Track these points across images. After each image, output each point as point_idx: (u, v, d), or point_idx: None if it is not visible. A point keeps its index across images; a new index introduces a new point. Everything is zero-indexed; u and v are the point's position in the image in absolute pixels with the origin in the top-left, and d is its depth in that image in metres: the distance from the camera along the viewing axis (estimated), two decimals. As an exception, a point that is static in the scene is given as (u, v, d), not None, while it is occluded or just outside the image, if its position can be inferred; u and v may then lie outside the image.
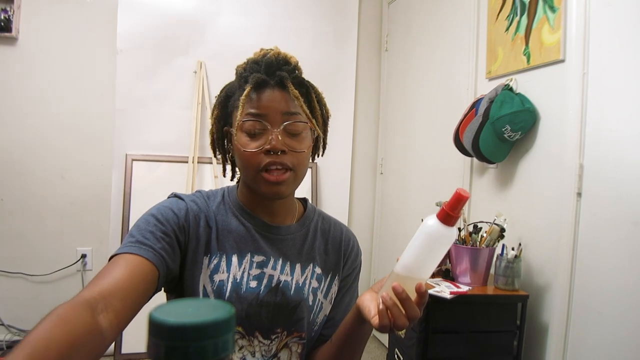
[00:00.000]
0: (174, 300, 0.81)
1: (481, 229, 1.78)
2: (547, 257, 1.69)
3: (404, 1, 2.93)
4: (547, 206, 1.69)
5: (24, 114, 2.63)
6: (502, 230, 1.71)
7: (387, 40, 3.12)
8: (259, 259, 0.84)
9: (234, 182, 0.93)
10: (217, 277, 0.81)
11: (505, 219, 1.73)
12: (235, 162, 0.89)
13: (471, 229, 1.79)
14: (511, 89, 1.81)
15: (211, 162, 2.67)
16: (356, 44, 3.08)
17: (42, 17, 2.61)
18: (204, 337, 0.30)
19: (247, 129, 0.78)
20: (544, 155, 1.73)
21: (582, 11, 1.55)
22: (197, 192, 0.89)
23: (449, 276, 1.81)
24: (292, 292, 0.85)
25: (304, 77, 0.85)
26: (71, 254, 2.73)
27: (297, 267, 0.87)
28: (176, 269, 0.79)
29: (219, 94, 0.87)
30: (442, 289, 1.66)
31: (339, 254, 0.93)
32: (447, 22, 2.44)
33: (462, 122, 1.98)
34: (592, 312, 1.49)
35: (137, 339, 2.46)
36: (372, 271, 3.17)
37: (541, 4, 1.73)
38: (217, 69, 2.74)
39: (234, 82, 0.85)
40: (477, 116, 1.86)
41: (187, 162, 2.65)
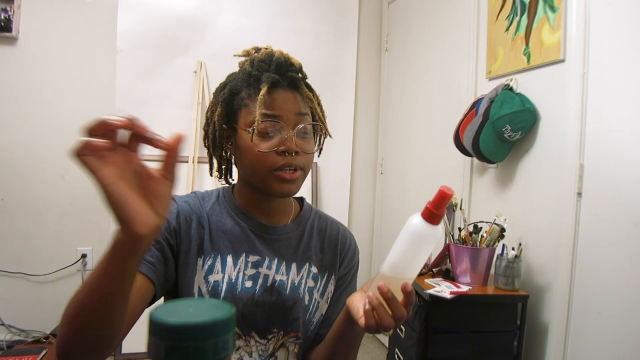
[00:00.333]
0: (174, 300, 0.81)
1: (481, 229, 1.78)
2: (547, 257, 1.69)
3: (404, 1, 2.93)
4: (547, 206, 1.69)
5: (24, 114, 2.63)
6: (502, 230, 1.71)
7: (387, 40, 3.12)
8: (254, 258, 0.84)
9: (229, 182, 0.93)
10: (212, 277, 0.81)
11: (505, 219, 1.73)
12: (232, 161, 0.89)
13: (471, 229, 1.79)
14: (511, 89, 1.81)
15: (211, 162, 2.68)
16: (356, 44, 3.08)
17: (42, 17, 2.61)
18: (204, 337, 0.30)
19: (261, 129, 0.78)
20: (544, 155, 1.73)
21: (582, 11, 1.55)
22: (192, 193, 0.89)
23: (449, 276, 1.81)
24: (288, 291, 0.85)
25: (308, 80, 0.87)
26: (71, 253, 2.73)
27: (293, 266, 0.87)
28: (173, 273, 0.80)
29: (220, 91, 0.86)
30: (442, 289, 1.65)
31: (335, 252, 0.93)
32: (447, 22, 2.44)
33: (462, 122, 1.98)
34: (592, 312, 1.49)
35: (137, 339, 2.46)
36: (372, 271, 3.17)
37: (541, 4, 1.73)
38: (217, 69, 2.74)
39: (238, 79, 0.83)
40: (477, 116, 1.86)
41: (187, 162, 2.65)
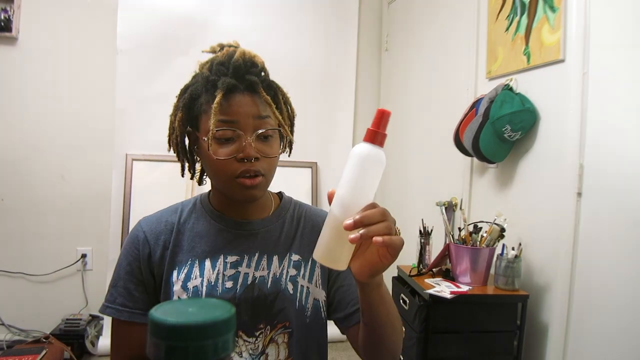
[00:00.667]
0: (174, 300, 0.82)
1: (481, 228, 1.78)
2: (547, 257, 1.69)
3: (404, 1, 2.93)
4: (547, 206, 1.69)
5: (24, 114, 2.63)
6: (502, 230, 1.71)
7: (387, 40, 3.12)
8: (232, 259, 0.85)
9: (202, 184, 0.95)
10: (191, 284, 0.82)
11: (505, 219, 1.73)
12: (202, 166, 0.90)
13: (471, 228, 1.79)
14: (511, 89, 1.81)
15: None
16: (356, 44, 3.08)
17: (42, 17, 2.61)
18: (204, 337, 0.30)
19: (219, 136, 0.78)
20: (544, 155, 1.73)
21: (582, 11, 1.55)
22: (173, 205, 0.93)
23: (449, 276, 1.81)
24: (269, 285, 0.85)
25: (271, 79, 0.86)
26: (71, 253, 2.73)
27: (275, 259, 0.87)
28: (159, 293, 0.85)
29: (181, 95, 0.86)
30: (442, 289, 1.65)
31: (317, 236, 0.92)
32: (447, 22, 2.44)
33: (462, 122, 1.98)
34: (592, 312, 1.49)
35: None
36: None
37: (541, 4, 1.73)
38: (217, 69, 2.73)
39: (198, 83, 0.83)
40: (477, 116, 1.86)
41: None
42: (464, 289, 1.68)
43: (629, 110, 1.41)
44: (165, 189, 2.62)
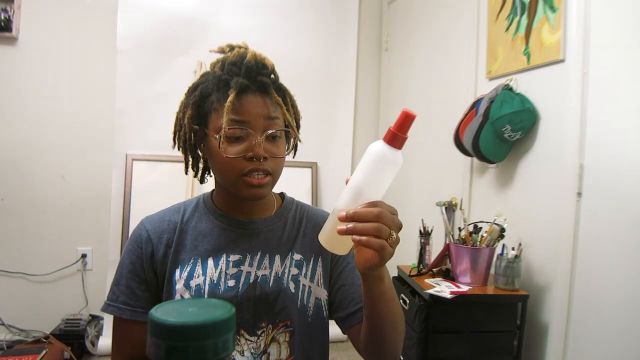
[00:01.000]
0: (174, 300, 0.82)
1: (481, 228, 1.78)
2: (547, 257, 1.69)
3: (404, 1, 2.93)
4: (547, 206, 1.69)
5: (24, 114, 2.63)
6: (502, 230, 1.71)
7: (387, 40, 3.12)
8: (235, 257, 0.85)
9: (204, 183, 0.95)
10: (194, 282, 0.83)
11: (505, 219, 1.73)
12: (206, 163, 0.91)
13: (471, 228, 1.79)
14: (511, 89, 1.81)
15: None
16: (356, 44, 3.08)
17: (42, 17, 2.61)
18: (204, 337, 0.30)
19: (229, 135, 0.79)
20: (544, 155, 1.73)
21: (582, 11, 1.55)
22: (175, 204, 0.93)
23: (449, 276, 1.81)
24: (271, 284, 0.85)
25: (280, 82, 0.87)
26: (71, 253, 2.73)
27: (277, 258, 0.87)
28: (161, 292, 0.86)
29: (191, 92, 0.86)
30: (442, 289, 1.65)
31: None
32: (447, 22, 2.44)
33: (462, 121, 1.98)
34: (592, 311, 1.49)
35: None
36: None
37: (541, 4, 1.73)
38: (217, 69, 2.74)
39: (209, 82, 0.83)
40: (477, 116, 1.86)
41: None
42: (464, 289, 1.68)
43: (629, 110, 1.41)
44: (165, 189, 2.63)
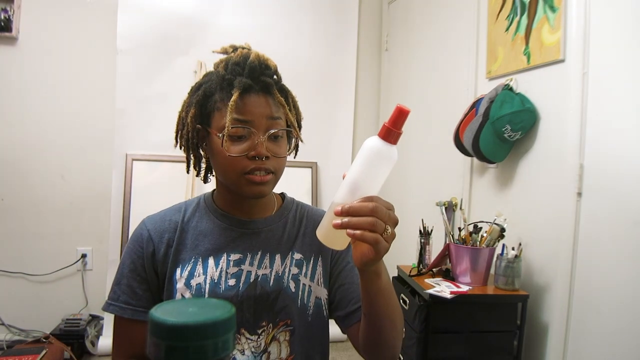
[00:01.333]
0: (174, 299, 0.82)
1: (481, 228, 1.78)
2: (547, 257, 1.69)
3: (404, 1, 2.93)
4: (548, 206, 1.69)
5: (24, 114, 2.63)
6: (502, 230, 1.71)
7: (387, 40, 3.12)
8: (235, 257, 0.86)
9: (207, 182, 0.95)
10: (194, 281, 0.83)
11: (505, 219, 1.73)
12: (208, 163, 0.91)
13: (471, 228, 1.79)
14: (511, 89, 1.81)
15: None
16: (356, 44, 3.08)
17: (42, 17, 2.61)
18: (204, 337, 0.30)
19: (232, 134, 0.80)
20: (544, 155, 1.73)
21: (582, 11, 1.55)
22: (176, 204, 0.93)
23: (449, 276, 1.81)
24: (272, 283, 0.85)
25: (282, 83, 0.88)
26: (71, 253, 2.73)
27: (277, 257, 0.88)
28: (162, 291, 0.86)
29: (194, 91, 0.87)
30: (442, 289, 1.65)
31: None
32: (448, 22, 2.44)
33: (462, 122, 1.98)
34: (592, 311, 1.49)
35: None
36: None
37: (541, 4, 1.73)
38: (217, 69, 2.74)
39: (213, 81, 0.84)
40: (477, 116, 1.86)
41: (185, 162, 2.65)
42: (464, 289, 1.68)
43: (629, 110, 1.41)
44: (165, 189, 2.63)
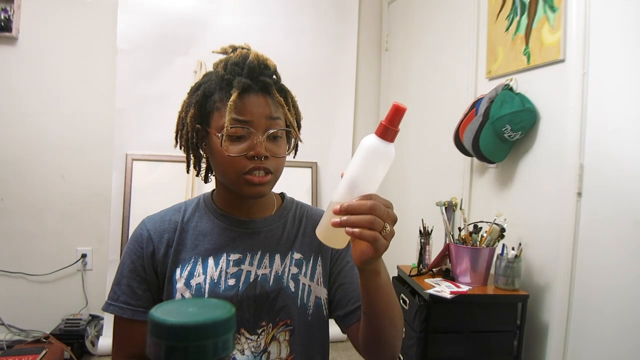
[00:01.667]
0: (174, 300, 0.82)
1: (481, 228, 1.78)
2: (547, 257, 1.69)
3: (404, 1, 2.93)
4: (548, 206, 1.69)
5: (24, 114, 2.63)
6: (502, 230, 1.71)
7: (387, 40, 3.12)
8: (235, 257, 0.86)
9: (208, 182, 0.95)
10: (194, 281, 0.83)
11: (505, 219, 1.73)
12: (208, 163, 0.91)
13: (471, 228, 1.79)
14: (511, 89, 1.81)
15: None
16: (356, 44, 3.08)
17: (42, 17, 2.61)
18: (204, 337, 0.30)
19: (231, 134, 0.80)
20: (544, 155, 1.73)
21: (582, 11, 1.55)
22: (176, 204, 0.93)
23: (449, 276, 1.81)
24: (271, 283, 0.85)
25: (282, 83, 0.88)
26: (71, 253, 2.73)
27: (277, 257, 0.88)
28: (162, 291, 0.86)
29: (194, 92, 0.87)
30: (442, 289, 1.65)
31: None
32: (447, 22, 2.44)
33: (462, 122, 1.98)
34: (592, 311, 1.49)
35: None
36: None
37: (541, 4, 1.73)
38: (217, 69, 2.74)
39: (212, 82, 0.84)
40: (477, 116, 1.86)
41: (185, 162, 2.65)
42: (464, 288, 1.68)
43: (629, 110, 1.41)
44: (165, 189, 2.63)
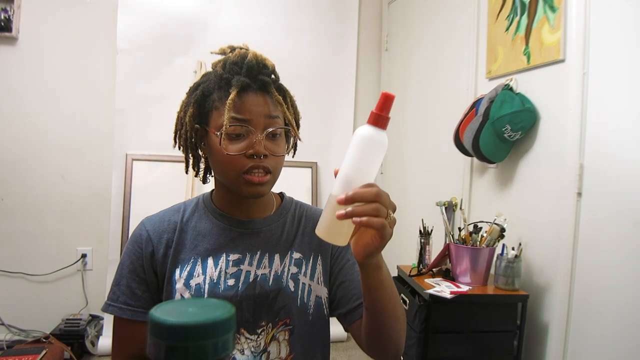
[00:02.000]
0: (174, 300, 0.82)
1: (481, 228, 1.78)
2: (547, 257, 1.69)
3: (404, 1, 2.93)
4: (548, 206, 1.69)
5: (24, 114, 2.63)
6: (502, 230, 1.71)
7: (387, 40, 3.12)
8: (235, 257, 0.86)
9: (206, 183, 0.95)
10: (194, 281, 0.83)
11: (505, 219, 1.73)
12: (207, 163, 0.91)
13: (471, 228, 1.79)
14: (511, 89, 1.81)
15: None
16: (356, 44, 3.08)
17: (42, 17, 2.61)
18: (204, 337, 0.30)
19: (230, 132, 0.80)
20: (544, 155, 1.73)
21: (582, 11, 1.55)
22: (175, 204, 0.93)
23: (449, 276, 1.81)
24: (271, 283, 0.85)
25: (280, 82, 0.88)
26: (71, 253, 2.73)
27: (276, 257, 0.88)
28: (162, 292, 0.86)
29: (192, 91, 0.87)
30: (442, 289, 1.65)
31: None
32: (447, 22, 2.44)
33: (462, 122, 1.98)
34: (592, 311, 1.49)
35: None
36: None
37: (541, 4, 1.73)
38: (217, 69, 2.74)
39: (211, 81, 0.84)
40: (477, 116, 1.86)
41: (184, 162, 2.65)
42: (464, 288, 1.68)
43: (629, 110, 1.41)
44: (165, 188, 2.63)
